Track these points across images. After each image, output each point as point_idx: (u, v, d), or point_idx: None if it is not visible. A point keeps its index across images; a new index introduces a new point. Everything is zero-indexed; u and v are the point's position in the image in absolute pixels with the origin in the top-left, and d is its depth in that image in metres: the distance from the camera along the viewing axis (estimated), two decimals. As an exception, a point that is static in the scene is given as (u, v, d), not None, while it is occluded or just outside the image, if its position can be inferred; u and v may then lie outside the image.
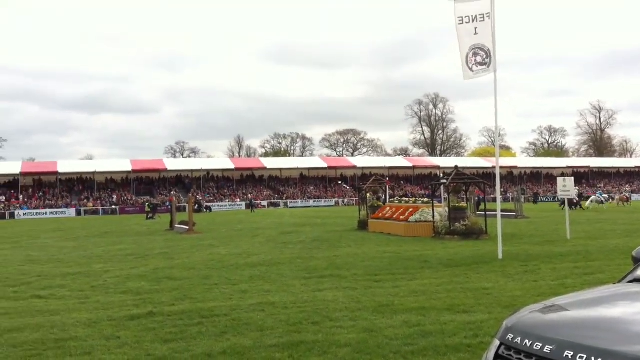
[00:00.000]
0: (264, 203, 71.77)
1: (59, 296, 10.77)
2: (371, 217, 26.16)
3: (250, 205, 60.27)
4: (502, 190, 67.87)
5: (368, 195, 28.72)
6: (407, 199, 29.86)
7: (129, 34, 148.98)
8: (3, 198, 66.94)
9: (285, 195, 76.15)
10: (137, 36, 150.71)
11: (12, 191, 69.36)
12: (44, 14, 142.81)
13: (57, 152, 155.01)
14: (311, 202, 73.66)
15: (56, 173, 71.78)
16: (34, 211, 63.33)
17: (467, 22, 14.42)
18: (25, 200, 67.22)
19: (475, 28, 14.31)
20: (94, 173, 73.63)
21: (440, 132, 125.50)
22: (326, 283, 11.19)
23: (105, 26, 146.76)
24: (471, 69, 14.55)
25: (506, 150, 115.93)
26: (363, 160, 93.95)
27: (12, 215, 61.27)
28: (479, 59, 14.41)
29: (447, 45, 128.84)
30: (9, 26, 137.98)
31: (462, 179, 22.32)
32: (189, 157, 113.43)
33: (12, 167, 73.75)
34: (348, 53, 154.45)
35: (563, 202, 27.17)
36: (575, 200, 38.99)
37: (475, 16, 14.29)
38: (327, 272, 12.74)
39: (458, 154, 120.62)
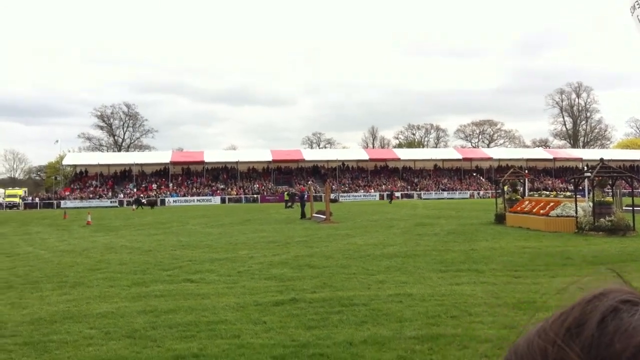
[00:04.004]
0: (398, 194, 71.75)
1: (209, 280, 11.47)
2: (509, 210, 25.44)
3: (390, 196, 59.78)
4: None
5: (505, 187, 27.94)
6: (547, 192, 28.72)
7: (269, 29, 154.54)
8: (155, 185, 71.93)
9: (418, 187, 75.61)
10: (277, 31, 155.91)
11: (163, 179, 74.37)
12: (189, 14, 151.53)
13: (202, 142, 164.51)
14: (445, 194, 72.65)
15: (202, 162, 76.08)
16: (182, 198, 67.52)
17: None
18: (175, 187, 71.78)
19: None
20: (237, 163, 77.21)
21: (584, 122, 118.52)
22: (463, 277, 11.11)
23: (246, 23, 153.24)
24: None
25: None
26: (500, 152, 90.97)
27: (162, 202, 65.70)
28: None
29: (589, 33, 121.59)
30: (161, 26, 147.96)
31: (608, 172, 21.12)
32: (325, 147, 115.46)
33: (163, 156, 79.12)
34: (484, 42, 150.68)
35: None
36: None
37: None
38: (464, 265, 12.63)
39: (602, 146, 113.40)
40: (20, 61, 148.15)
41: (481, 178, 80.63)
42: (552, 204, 22.16)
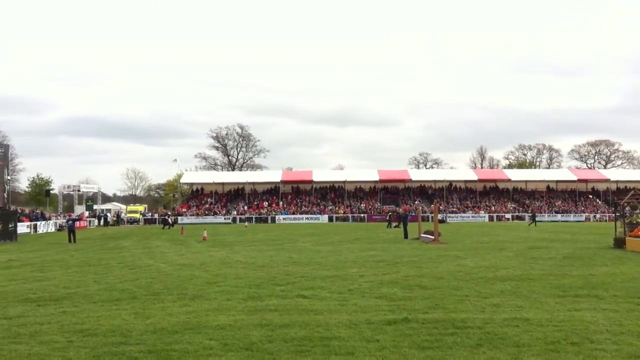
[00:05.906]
0: (507, 216, 69.63)
1: (321, 297, 11.70)
2: (629, 234, 24.13)
3: (533, 218, 56.91)
4: None
5: (626, 210, 26.52)
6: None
7: (370, 52, 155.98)
8: (266, 203, 73.92)
9: (530, 209, 72.99)
10: (380, 52, 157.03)
11: (274, 197, 76.29)
12: (296, 40, 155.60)
13: (310, 162, 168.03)
14: (559, 217, 69.65)
15: (311, 182, 77.39)
16: (292, 216, 68.91)
17: None
18: (285, 206, 73.36)
19: None
20: (344, 182, 77.97)
21: None
22: (582, 303, 10.71)
23: (346, 46, 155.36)
24: None
25: None
26: (618, 173, 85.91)
27: (273, 220, 67.42)
28: None
29: None
30: (270, 51, 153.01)
31: None
32: (432, 167, 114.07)
33: (274, 175, 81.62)
34: (595, 60, 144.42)
35: None
36: None
37: None
38: (582, 291, 12.16)
39: None
40: (143, 87, 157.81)
41: (598, 200, 76.74)
42: (678, 229, 20.82)
